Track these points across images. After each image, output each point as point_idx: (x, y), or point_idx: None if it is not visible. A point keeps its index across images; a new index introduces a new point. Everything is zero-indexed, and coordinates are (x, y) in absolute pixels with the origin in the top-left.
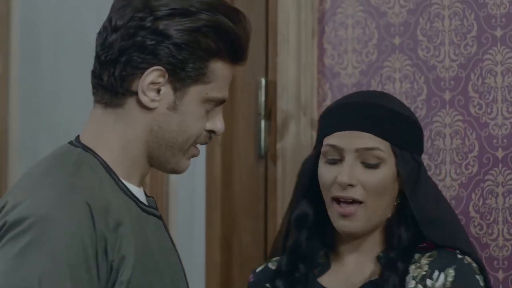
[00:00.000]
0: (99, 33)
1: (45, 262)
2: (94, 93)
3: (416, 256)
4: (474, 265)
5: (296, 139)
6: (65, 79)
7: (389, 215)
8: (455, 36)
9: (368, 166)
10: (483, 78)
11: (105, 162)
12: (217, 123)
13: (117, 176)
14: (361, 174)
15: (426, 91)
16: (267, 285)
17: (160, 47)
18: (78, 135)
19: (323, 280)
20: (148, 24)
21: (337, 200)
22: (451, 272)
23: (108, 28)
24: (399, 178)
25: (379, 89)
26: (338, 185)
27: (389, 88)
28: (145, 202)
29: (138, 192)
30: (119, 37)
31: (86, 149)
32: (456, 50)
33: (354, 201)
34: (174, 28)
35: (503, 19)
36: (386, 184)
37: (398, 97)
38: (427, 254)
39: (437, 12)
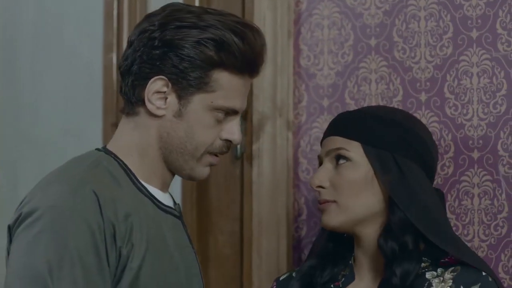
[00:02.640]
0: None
1: (54, 248)
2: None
3: (439, 270)
4: (496, 283)
5: (272, 140)
6: (44, 92)
7: (380, 219)
8: (431, 37)
9: (338, 166)
10: (459, 80)
11: (125, 165)
12: (234, 134)
13: (135, 177)
14: (332, 175)
15: (402, 92)
16: None
17: (164, 57)
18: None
19: None
20: (156, 35)
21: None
22: None
23: (128, 43)
24: (380, 179)
25: (354, 90)
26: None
27: (365, 90)
28: (169, 204)
29: (161, 195)
30: (132, 50)
31: (108, 152)
32: (432, 51)
33: (327, 201)
34: (178, 39)
35: (479, 21)
36: (357, 183)
37: (373, 98)
38: (451, 269)
39: (413, 13)
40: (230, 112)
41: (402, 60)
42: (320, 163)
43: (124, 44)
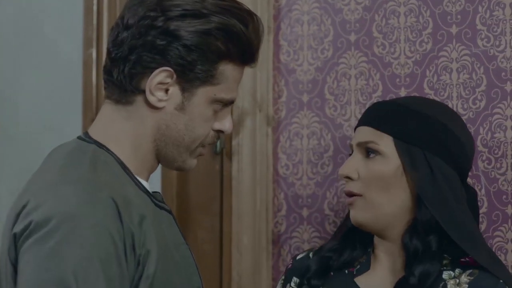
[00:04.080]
0: (111, 30)
1: (77, 258)
2: (105, 88)
3: (457, 271)
4: None
5: (251, 135)
6: (24, 88)
7: (408, 216)
8: (410, 33)
9: (368, 159)
10: (439, 75)
11: (119, 158)
12: (225, 124)
13: (131, 172)
14: (361, 167)
15: (382, 88)
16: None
17: (169, 48)
18: (87, 131)
19: (359, 280)
20: (159, 24)
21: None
22: None
23: (120, 25)
24: (409, 175)
25: (334, 86)
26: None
27: (344, 85)
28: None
29: (147, 186)
30: (130, 35)
31: (100, 145)
32: (412, 47)
33: (353, 194)
34: (185, 30)
35: (459, 16)
36: (385, 177)
37: (353, 94)
38: (468, 272)
39: (393, 9)
40: (228, 104)
41: (381, 56)
42: (352, 151)
43: (105, 39)
